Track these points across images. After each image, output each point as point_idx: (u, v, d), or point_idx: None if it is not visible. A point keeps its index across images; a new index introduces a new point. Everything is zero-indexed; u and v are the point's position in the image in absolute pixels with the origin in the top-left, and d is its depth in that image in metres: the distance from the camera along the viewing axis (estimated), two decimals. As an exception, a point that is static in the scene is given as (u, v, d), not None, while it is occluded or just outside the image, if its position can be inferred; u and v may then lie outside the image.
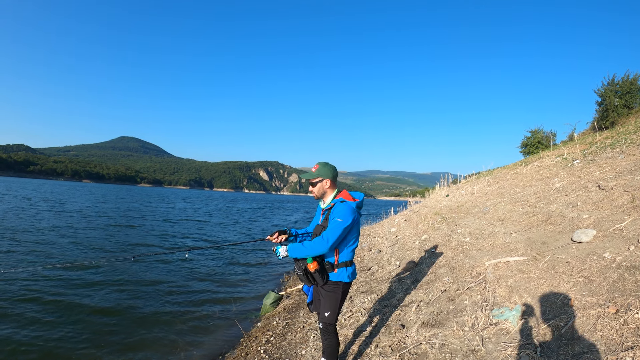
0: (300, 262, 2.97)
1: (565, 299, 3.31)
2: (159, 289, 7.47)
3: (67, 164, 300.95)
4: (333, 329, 3.10)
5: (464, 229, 7.39)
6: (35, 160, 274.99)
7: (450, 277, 5.10)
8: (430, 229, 9.03)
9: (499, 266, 4.68)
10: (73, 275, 7.89)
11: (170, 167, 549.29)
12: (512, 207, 7.49)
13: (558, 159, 10.63)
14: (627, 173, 6.29)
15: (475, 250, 5.79)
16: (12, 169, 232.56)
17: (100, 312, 6.06)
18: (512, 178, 11.39)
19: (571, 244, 4.42)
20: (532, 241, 5.10)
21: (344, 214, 2.85)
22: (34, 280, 7.34)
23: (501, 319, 3.51)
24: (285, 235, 3.22)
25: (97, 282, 7.59)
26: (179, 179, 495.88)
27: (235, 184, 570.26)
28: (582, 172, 7.73)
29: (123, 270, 8.78)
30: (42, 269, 8.01)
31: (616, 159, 7.59)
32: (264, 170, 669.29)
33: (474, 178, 16.04)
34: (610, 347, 2.52)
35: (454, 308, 4.17)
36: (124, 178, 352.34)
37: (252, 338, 5.07)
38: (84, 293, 6.90)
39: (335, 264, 2.98)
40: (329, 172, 3.07)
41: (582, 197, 6.08)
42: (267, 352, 4.51)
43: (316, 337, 4.62)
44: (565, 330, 2.93)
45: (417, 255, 7.16)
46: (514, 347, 3.08)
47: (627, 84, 15.06)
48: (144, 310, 6.32)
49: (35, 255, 9.56)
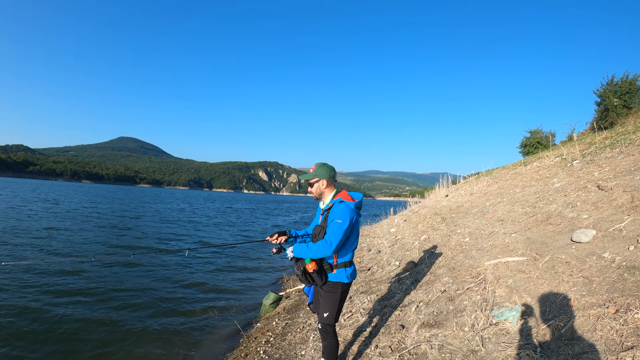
0: (299, 262, 2.98)
1: (564, 299, 3.31)
2: (157, 290, 7.45)
3: (67, 165, 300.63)
4: (332, 329, 3.10)
5: (464, 229, 7.39)
6: (35, 161, 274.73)
7: (449, 278, 5.10)
8: (429, 229, 9.03)
9: (499, 266, 4.67)
10: (64, 280, 7.87)
11: (170, 168, 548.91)
12: (512, 208, 7.49)
13: (557, 159, 10.64)
14: (627, 173, 6.29)
15: (474, 251, 5.79)
16: (11, 169, 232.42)
17: (99, 315, 6.03)
18: (512, 178, 11.40)
19: (571, 244, 4.42)
20: (532, 241, 5.10)
21: (342, 215, 2.85)
22: (22, 286, 7.32)
23: (501, 319, 3.50)
24: (285, 237, 3.23)
25: (93, 284, 7.57)
26: (178, 179, 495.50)
27: (234, 185, 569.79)
28: (581, 173, 7.73)
29: (120, 270, 8.77)
30: (45, 263, 8.04)
31: (615, 159, 7.59)
32: (263, 171, 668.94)
33: (474, 178, 16.06)
34: (610, 347, 2.52)
35: (454, 308, 4.17)
36: (123, 178, 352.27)
37: (251, 339, 5.06)
38: (81, 295, 6.88)
39: (334, 264, 2.98)
40: (325, 173, 3.07)
41: (582, 197, 6.09)
42: (266, 352, 4.51)
43: (316, 337, 4.61)
44: (565, 330, 2.93)
45: (416, 256, 7.15)
46: (514, 347, 3.08)
47: (627, 84, 15.07)
48: (142, 311, 6.30)
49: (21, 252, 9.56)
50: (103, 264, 9.14)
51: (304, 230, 3.39)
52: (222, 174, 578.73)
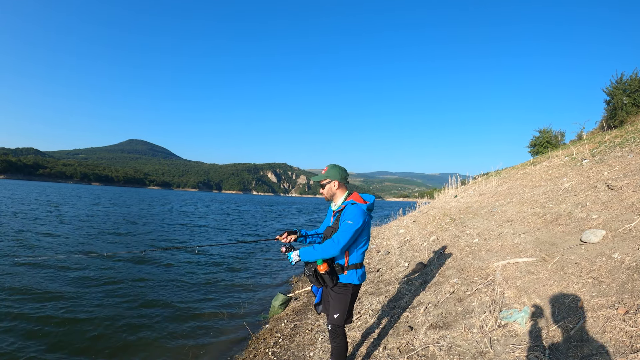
0: (310, 264, 3.00)
1: (574, 300, 3.29)
2: (165, 291, 7.53)
3: (76, 167, 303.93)
4: (342, 330, 3.12)
5: (473, 230, 7.37)
6: (45, 164, 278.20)
7: (458, 279, 5.09)
8: (438, 230, 9.00)
9: (508, 267, 4.66)
10: (75, 274, 7.98)
11: (179, 170, 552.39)
12: (521, 208, 7.44)
13: (567, 159, 10.54)
14: (637, 172, 6.22)
15: (483, 252, 5.77)
16: (21, 172, 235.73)
17: (105, 315, 6.09)
18: (521, 178, 11.32)
19: (580, 245, 4.39)
20: (541, 242, 5.07)
21: (354, 216, 2.87)
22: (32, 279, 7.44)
23: (509, 320, 3.50)
24: (294, 236, 3.26)
25: (98, 282, 7.69)
26: (188, 181, 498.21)
27: (243, 186, 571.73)
28: (591, 172, 7.66)
29: (127, 270, 8.86)
30: (55, 258, 8.17)
31: (625, 158, 7.52)
32: (272, 172, 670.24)
33: (483, 178, 15.96)
34: (620, 349, 2.51)
35: (462, 310, 4.16)
36: (132, 181, 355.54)
37: (260, 340, 5.10)
38: (88, 293, 6.96)
39: (345, 265, 3.00)
40: (337, 174, 3.10)
41: (591, 197, 6.04)
42: (275, 354, 4.54)
43: (324, 338, 4.63)
44: (574, 332, 2.92)
45: (425, 257, 7.14)
46: (523, 348, 3.07)
47: (636, 82, 14.88)
48: (149, 312, 6.36)
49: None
50: (109, 263, 9.26)
51: (314, 230, 3.42)
52: (231, 176, 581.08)
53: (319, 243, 3.20)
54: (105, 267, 9.00)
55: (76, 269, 8.55)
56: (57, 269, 8.42)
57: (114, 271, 8.73)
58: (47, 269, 8.37)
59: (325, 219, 3.32)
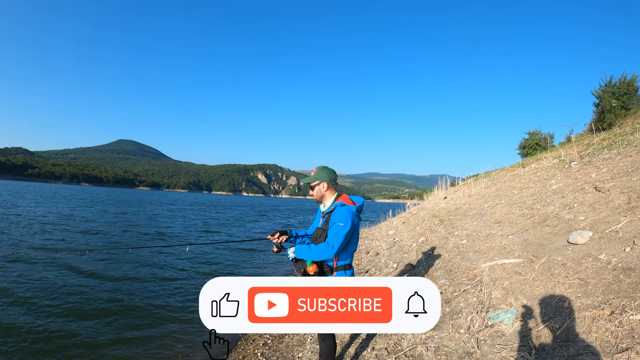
0: (299, 264, 2.99)
1: (560, 301, 3.31)
2: (152, 291, 7.40)
3: (66, 167, 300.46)
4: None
5: (461, 231, 7.40)
6: (34, 164, 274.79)
7: (446, 280, 5.10)
8: (427, 232, 9.03)
9: (495, 268, 4.68)
10: (52, 275, 7.85)
11: (169, 170, 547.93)
12: (509, 209, 7.49)
13: (555, 161, 10.65)
14: (624, 174, 6.30)
15: (471, 253, 5.79)
16: (10, 172, 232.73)
17: (89, 313, 6.00)
18: (510, 180, 11.41)
19: (567, 246, 4.43)
20: (529, 243, 5.11)
21: (344, 218, 2.88)
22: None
23: (497, 321, 3.50)
24: (285, 236, 3.24)
25: (85, 279, 7.56)
26: (178, 182, 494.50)
27: (233, 187, 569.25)
28: (579, 174, 7.74)
29: (113, 270, 8.72)
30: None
31: (613, 160, 7.61)
32: (262, 173, 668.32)
33: (472, 180, 16.05)
34: (605, 349, 2.52)
35: (450, 310, 4.17)
36: (122, 181, 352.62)
37: (249, 341, 5.05)
38: (72, 291, 6.85)
39: (334, 266, 2.99)
40: (326, 176, 3.09)
41: (579, 198, 6.09)
42: (264, 354, 4.50)
43: (313, 339, 4.61)
44: (561, 332, 2.93)
45: (414, 258, 7.15)
46: (509, 349, 3.08)
47: (624, 85, 15.10)
48: (135, 312, 6.25)
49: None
50: (95, 260, 9.11)
51: (304, 231, 3.41)
52: (221, 177, 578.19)
53: (308, 244, 3.19)
54: (85, 263, 8.87)
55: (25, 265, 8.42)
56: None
57: (95, 268, 8.56)
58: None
59: (315, 220, 3.32)
